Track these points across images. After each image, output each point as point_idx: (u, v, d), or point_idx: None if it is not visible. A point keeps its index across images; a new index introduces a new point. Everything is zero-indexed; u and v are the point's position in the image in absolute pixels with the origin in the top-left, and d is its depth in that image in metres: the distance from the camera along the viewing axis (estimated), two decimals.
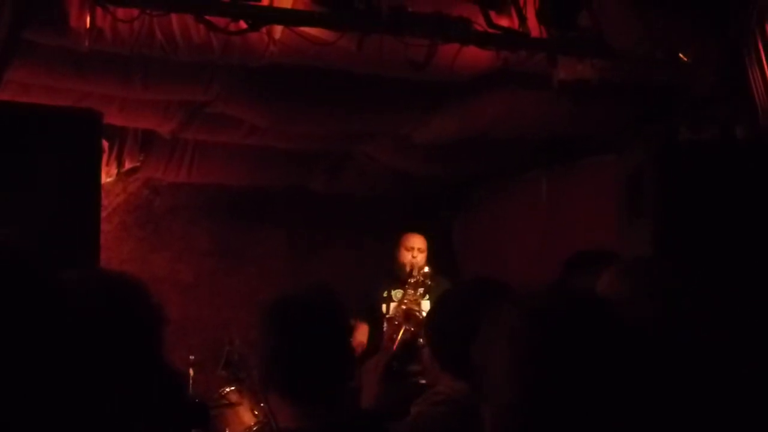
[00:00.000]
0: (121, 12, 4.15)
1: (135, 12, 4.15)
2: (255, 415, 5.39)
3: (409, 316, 5.78)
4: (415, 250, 6.06)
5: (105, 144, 5.88)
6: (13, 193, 3.44)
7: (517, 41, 4.37)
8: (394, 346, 5.65)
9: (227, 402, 5.41)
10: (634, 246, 5.16)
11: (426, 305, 5.82)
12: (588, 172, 6.15)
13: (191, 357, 5.65)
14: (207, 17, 4.09)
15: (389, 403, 3.03)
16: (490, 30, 4.28)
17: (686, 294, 1.51)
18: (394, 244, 6.16)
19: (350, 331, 2.38)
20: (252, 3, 3.98)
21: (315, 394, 2.13)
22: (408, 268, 6.00)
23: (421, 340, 5.26)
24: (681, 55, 4.48)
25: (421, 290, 5.91)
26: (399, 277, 6.03)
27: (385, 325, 5.84)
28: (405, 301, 5.87)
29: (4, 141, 3.47)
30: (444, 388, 2.56)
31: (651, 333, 1.09)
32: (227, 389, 5.48)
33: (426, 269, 5.96)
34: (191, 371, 5.56)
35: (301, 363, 2.13)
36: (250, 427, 5.31)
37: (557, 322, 1.06)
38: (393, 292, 6.02)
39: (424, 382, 4.35)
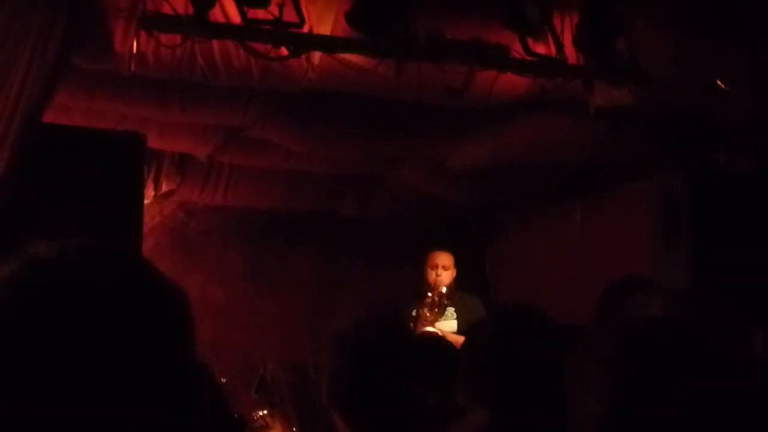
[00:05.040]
0: (164, 37, 4.22)
1: (177, 38, 4.22)
2: None
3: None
4: (439, 268, 6.03)
5: None
6: (60, 212, 3.51)
7: (555, 68, 4.40)
8: None
9: (260, 425, 5.42)
10: (670, 274, 5.14)
11: (445, 325, 5.81)
12: (622, 198, 6.13)
13: (222, 380, 5.66)
14: (249, 43, 4.16)
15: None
16: (528, 57, 4.31)
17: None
18: (421, 263, 6.15)
19: (415, 363, 2.40)
20: (293, 30, 4.04)
21: (375, 422, 2.18)
22: (432, 287, 5.98)
23: None
24: (719, 82, 4.49)
25: (437, 310, 5.88)
26: (425, 296, 6.02)
27: None
28: (422, 321, 5.85)
29: (52, 162, 3.55)
30: (472, 418, 2.57)
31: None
32: (260, 413, 5.49)
33: (443, 289, 5.92)
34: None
35: (363, 391, 2.18)
36: None
37: (654, 348, 1.06)
38: (420, 312, 6.01)
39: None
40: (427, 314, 5.85)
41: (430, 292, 5.92)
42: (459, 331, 5.68)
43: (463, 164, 6.02)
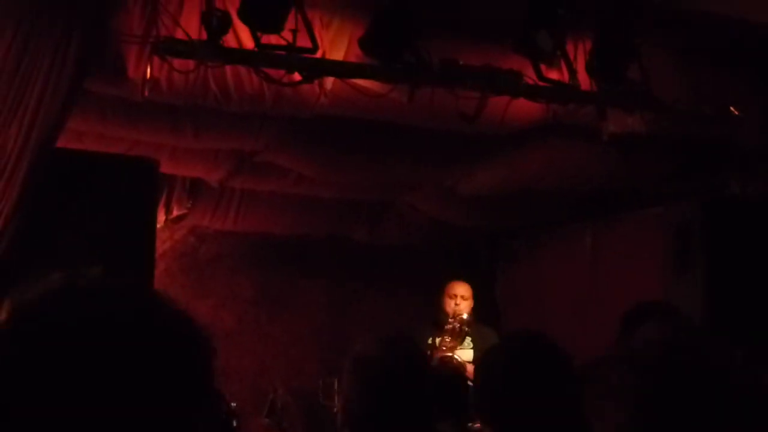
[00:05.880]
0: (177, 62, 4.23)
1: (191, 63, 4.23)
2: None
3: (444, 364, 5.73)
4: (458, 298, 6.04)
5: None
6: (72, 237, 3.52)
7: (567, 94, 4.40)
8: None
9: None
10: (681, 301, 5.11)
11: (463, 353, 5.80)
12: (634, 225, 6.11)
13: (233, 404, 5.64)
14: (262, 69, 4.17)
15: None
16: (541, 83, 4.31)
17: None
18: (439, 292, 6.14)
19: (429, 388, 2.41)
20: (307, 55, 4.05)
21: None
22: (450, 316, 5.98)
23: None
24: (731, 108, 4.48)
25: (459, 338, 5.89)
26: (443, 324, 6.01)
27: None
28: (442, 348, 5.85)
29: (66, 186, 3.56)
30: None
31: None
32: None
33: (464, 316, 5.93)
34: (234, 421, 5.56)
35: (379, 417, 2.18)
36: None
37: (667, 374, 1.05)
38: (437, 340, 5.99)
39: (470, 425, 4.33)
40: (448, 340, 5.85)
41: (451, 319, 5.93)
42: (474, 361, 5.66)
43: (474, 190, 6.02)
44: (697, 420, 1.02)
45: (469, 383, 5.21)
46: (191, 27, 4.12)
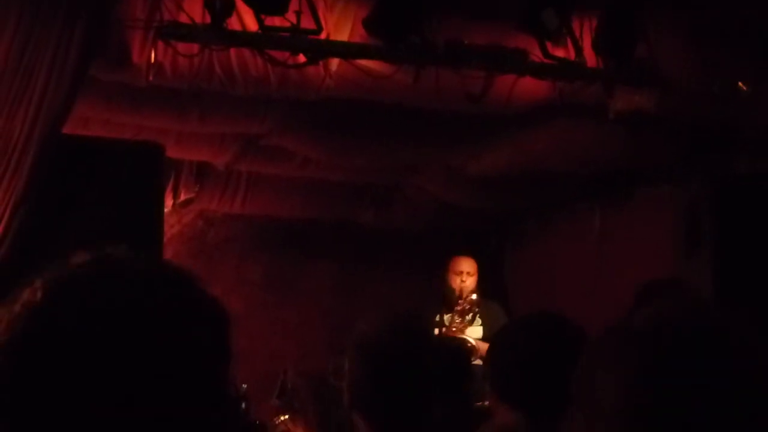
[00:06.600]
0: (181, 46, 4.23)
1: (195, 47, 4.22)
2: None
3: (452, 342, 5.73)
4: (464, 274, 6.00)
5: None
6: (79, 223, 3.53)
7: (574, 71, 4.38)
8: None
9: (282, 430, 5.41)
10: (691, 280, 5.09)
11: (472, 331, 5.80)
12: (642, 203, 6.08)
13: (243, 386, 5.66)
14: (267, 51, 4.16)
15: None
16: (547, 60, 4.29)
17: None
18: (444, 269, 6.12)
19: (433, 367, 2.40)
20: (311, 37, 4.04)
21: (395, 423, 2.18)
22: (457, 293, 5.96)
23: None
24: (741, 84, 4.44)
25: (468, 317, 5.88)
26: (449, 301, 5.99)
27: None
28: (453, 328, 5.84)
29: (72, 173, 3.57)
30: (500, 420, 2.56)
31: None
32: (281, 418, 5.48)
33: (473, 296, 5.92)
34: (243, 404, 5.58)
35: (384, 395, 2.18)
36: None
37: (669, 344, 1.04)
38: (445, 317, 5.97)
39: (480, 404, 4.33)
40: (458, 321, 5.84)
41: (460, 298, 5.91)
42: (484, 338, 5.67)
43: (480, 171, 6.00)
44: (699, 396, 1.00)
45: (477, 361, 5.23)
46: (194, 11, 4.11)
